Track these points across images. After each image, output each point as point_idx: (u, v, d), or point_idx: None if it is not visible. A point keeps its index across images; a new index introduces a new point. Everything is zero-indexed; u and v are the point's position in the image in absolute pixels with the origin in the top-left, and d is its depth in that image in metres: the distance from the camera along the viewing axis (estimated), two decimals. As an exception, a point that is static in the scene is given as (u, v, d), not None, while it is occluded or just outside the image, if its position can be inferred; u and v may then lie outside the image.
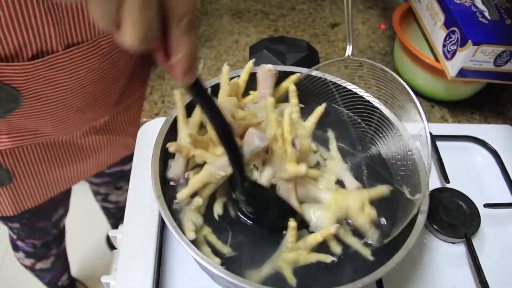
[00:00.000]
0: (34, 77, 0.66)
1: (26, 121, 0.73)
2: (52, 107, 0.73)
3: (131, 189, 0.68)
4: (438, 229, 0.65)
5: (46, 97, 0.70)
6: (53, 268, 1.27)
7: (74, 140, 0.87)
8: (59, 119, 0.76)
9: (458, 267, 0.64)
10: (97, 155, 0.95)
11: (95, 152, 0.94)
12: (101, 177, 1.20)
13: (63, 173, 0.91)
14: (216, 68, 0.88)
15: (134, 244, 0.62)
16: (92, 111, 0.81)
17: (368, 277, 0.47)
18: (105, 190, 1.31)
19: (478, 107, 0.86)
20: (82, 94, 0.75)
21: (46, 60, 0.65)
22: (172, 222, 0.49)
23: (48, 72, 0.66)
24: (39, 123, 0.75)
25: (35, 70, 0.65)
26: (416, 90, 0.86)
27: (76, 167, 0.93)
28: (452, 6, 0.75)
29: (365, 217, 0.53)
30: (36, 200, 0.89)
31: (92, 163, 0.96)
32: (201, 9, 1.01)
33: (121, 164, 1.14)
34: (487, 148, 0.77)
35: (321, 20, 1.02)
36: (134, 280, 0.59)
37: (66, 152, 0.88)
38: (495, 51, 0.71)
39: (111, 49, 0.73)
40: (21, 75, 0.64)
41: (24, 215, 0.96)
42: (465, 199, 0.68)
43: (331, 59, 0.92)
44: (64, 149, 0.87)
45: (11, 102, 0.67)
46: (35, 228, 1.05)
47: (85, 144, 0.90)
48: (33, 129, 0.76)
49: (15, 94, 0.66)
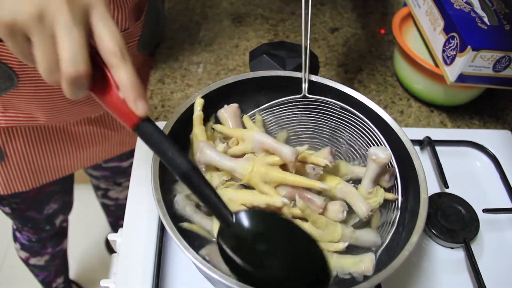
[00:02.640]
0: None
1: (20, 103, 0.75)
2: (46, 94, 0.74)
3: (131, 193, 0.68)
4: (437, 234, 0.65)
5: (41, 83, 0.72)
6: (47, 268, 1.28)
7: (68, 128, 0.89)
8: (52, 107, 0.78)
9: (457, 272, 0.64)
10: (91, 147, 0.96)
11: (90, 144, 0.95)
12: (99, 170, 1.22)
13: (56, 161, 0.92)
14: (215, 73, 0.89)
15: (134, 248, 0.62)
16: (87, 105, 0.83)
17: (367, 283, 0.47)
18: (105, 185, 1.33)
19: (477, 112, 0.86)
20: None
21: None
22: (172, 227, 0.49)
23: None
24: (33, 107, 0.77)
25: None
26: (416, 95, 0.86)
27: (69, 156, 0.94)
28: (452, 11, 0.76)
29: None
30: (27, 183, 0.90)
31: (86, 155, 0.97)
32: (201, 14, 1.02)
33: (118, 160, 1.15)
34: (486, 153, 0.77)
35: (321, 25, 1.02)
36: (134, 284, 0.59)
37: (59, 139, 0.89)
38: (494, 57, 0.71)
39: None
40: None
41: (13, 199, 0.97)
42: (464, 204, 0.68)
43: (331, 64, 0.93)
44: (57, 136, 0.88)
45: (6, 81, 0.69)
46: (25, 218, 1.06)
47: (80, 133, 0.91)
48: (27, 112, 0.78)
49: (10, 73, 0.68)
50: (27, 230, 1.12)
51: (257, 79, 0.64)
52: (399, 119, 0.83)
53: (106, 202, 1.42)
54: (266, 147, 0.57)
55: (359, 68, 0.92)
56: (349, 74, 0.91)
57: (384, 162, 0.57)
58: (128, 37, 0.77)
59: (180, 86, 0.86)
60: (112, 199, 1.38)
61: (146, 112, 0.40)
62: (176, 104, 0.83)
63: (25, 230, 1.13)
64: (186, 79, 0.87)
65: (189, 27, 0.98)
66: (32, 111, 0.78)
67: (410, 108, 0.86)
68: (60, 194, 1.08)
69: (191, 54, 0.92)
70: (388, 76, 0.91)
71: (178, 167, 0.42)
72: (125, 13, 0.72)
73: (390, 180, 0.60)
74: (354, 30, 1.01)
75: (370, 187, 0.58)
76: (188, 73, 0.88)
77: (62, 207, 1.12)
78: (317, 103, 0.64)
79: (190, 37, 0.96)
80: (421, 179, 0.56)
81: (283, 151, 0.55)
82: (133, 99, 0.40)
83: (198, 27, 0.98)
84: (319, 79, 0.64)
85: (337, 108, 0.64)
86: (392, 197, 0.59)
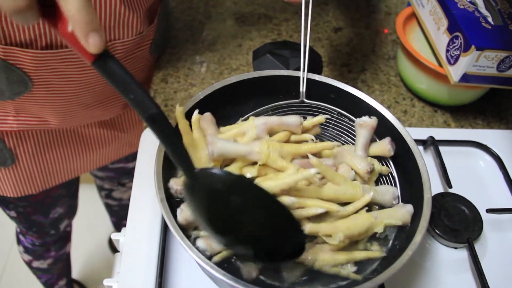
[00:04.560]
0: (44, 66, 0.68)
1: (33, 107, 0.75)
2: (60, 98, 0.75)
3: (134, 192, 0.68)
4: (440, 234, 0.65)
5: (55, 88, 0.72)
6: (50, 271, 1.28)
7: (79, 130, 0.89)
8: (65, 111, 0.78)
9: (460, 272, 0.64)
10: (101, 149, 0.96)
11: (99, 146, 0.95)
12: (105, 171, 1.22)
13: (66, 163, 0.92)
14: (219, 72, 0.89)
15: (137, 248, 0.62)
16: (100, 109, 0.83)
17: (370, 282, 0.47)
18: (109, 186, 1.33)
19: (481, 112, 0.86)
20: (92, 91, 0.77)
21: (57, 53, 0.67)
22: (175, 226, 0.49)
23: (59, 64, 0.69)
24: (46, 111, 0.77)
25: (46, 60, 0.67)
26: (419, 94, 0.86)
27: (79, 158, 0.94)
28: (456, 11, 0.75)
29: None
30: (37, 186, 0.91)
31: (96, 157, 0.97)
32: (205, 13, 1.02)
33: (124, 161, 1.15)
34: (489, 153, 0.77)
35: (324, 24, 1.02)
36: (137, 283, 0.59)
37: (70, 142, 0.89)
38: (498, 57, 0.71)
39: (126, 54, 0.75)
40: (32, 62, 0.67)
41: (21, 203, 0.97)
42: (467, 204, 0.68)
43: (334, 64, 0.93)
44: (68, 139, 0.89)
45: (21, 85, 0.70)
46: (31, 222, 1.06)
47: (90, 135, 0.91)
48: (39, 116, 0.78)
49: (25, 78, 0.69)
50: (31, 234, 1.12)
51: (260, 78, 0.64)
52: (403, 118, 0.83)
53: (110, 203, 1.42)
54: (270, 124, 0.58)
55: (363, 67, 0.92)
56: (353, 74, 0.91)
57: (372, 125, 0.60)
58: (142, 41, 0.76)
59: (183, 86, 0.86)
60: (116, 200, 1.38)
61: (100, 48, 0.37)
62: (179, 103, 0.83)
63: (29, 234, 1.13)
64: (189, 78, 0.87)
65: (192, 27, 0.98)
66: (45, 115, 0.78)
67: (413, 108, 0.85)
68: (66, 198, 1.08)
69: (195, 54, 0.92)
70: (392, 75, 0.91)
71: (145, 108, 0.39)
72: (140, 16, 0.72)
73: (391, 146, 0.60)
74: (357, 30, 1.01)
75: (363, 156, 0.60)
76: (191, 72, 0.89)
77: (67, 211, 1.12)
78: (315, 108, 0.65)
79: (193, 37, 0.96)
80: (424, 179, 0.56)
81: (288, 120, 0.58)
82: (83, 34, 0.36)
83: (202, 26, 0.98)
84: (322, 79, 0.64)
85: (335, 114, 0.64)
86: (386, 170, 0.61)
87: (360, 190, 0.55)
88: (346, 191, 0.55)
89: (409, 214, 0.55)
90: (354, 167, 0.58)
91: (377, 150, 0.61)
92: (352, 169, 0.58)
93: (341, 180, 0.55)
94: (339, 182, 0.55)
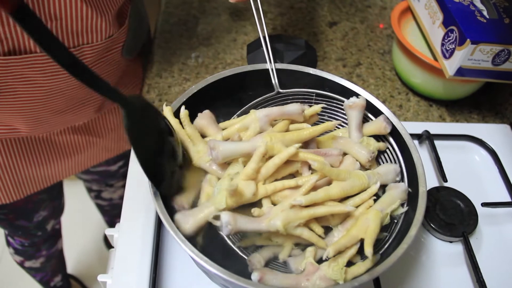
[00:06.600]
0: (8, 72, 0.66)
1: (0, 115, 0.73)
2: (29, 105, 0.72)
3: (128, 187, 0.68)
4: (435, 228, 0.65)
5: (22, 95, 0.70)
6: (43, 269, 1.26)
7: (52, 138, 0.86)
8: (35, 118, 0.75)
9: (455, 266, 0.64)
10: (76, 155, 0.93)
11: (75, 152, 0.92)
12: (89, 174, 1.19)
13: (41, 171, 0.89)
14: (213, 67, 0.88)
15: (131, 243, 0.62)
16: (71, 114, 0.80)
17: (365, 276, 0.47)
18: (97, 187, 1.31)
19: (476, 106, 0.86)
20: (62, 97, 0.74)
21: (21, 58, 0.65)
22: (169, 220, 0.48)
23: (24, 70, 0.66)
24: (14, 119, 0.74)
25: (10, 66, 0.65)
26: (415, 89, 0.86)
27: (55, 165, 0.91)
28: (451, 5, 0.75)
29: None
30: (11, 196, 0.87)
31: (72, 163, 0.94)
32: (199, 8, 1.01)
33: (105, 165, 1.13)
34: (485, 147, 0.77)
35: (319, 19, 1.01)
36: (131, 278, 0.59)
37: (44, 150, 0.86)
38: (493, 50, 0.71)
39: (96, 58, 0.72)
40: None
41: (1, 210, 0.95)
42: (462, 198, 0.68)
43: (329, 58, 0.92)
44: (41, 146, 0.85)
45: None
46: (15, 226, 1.04)
47: (64, 142, 0.88)
48: (8, 124, 0.76)
49: None
50: (19, 235, 1.10)
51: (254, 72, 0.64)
52: (398, 113, 0.83)
53: (100, 203, 1.40)
54: (272, 115, 0.58)
55: (358, 62, 0.92)
56: (348, 68, 0.91)
57: (362, 104, 0.60)
58: (113, 44, 0.74)
59: (177, 80, 0.86)
60: (106, 200, 1.36)
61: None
62: (174, 98, 0.82)
63: (17, 236, 1.10)
64: (183, 73, 0.87)
65: (186, 21, 0.97)
66: (14, 123, 0.75)
67: (409, 102, 0.85)
68: (49, 201, 1.05)
69: (189, 48, 0.92)
70: (387, 70, 0.91)
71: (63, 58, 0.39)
72: (109, 20, 0.70)
73: (387, 123, 0.60)
74: (352, 24, 1.01)
75: (359, 137, 0.60)
76: (185, 67, 0.88)
77: (52, 212, 1.09)
78: (293, 96, 0.64)
79: (187, 31, 0.95)
80: (419, 172, 0.56)
81: (290, 109, 0.58)
82: None
83: (196, 21, 0.98)
84: (317, 72, 0.64)
85: (313, 96, 0.64)
86: (383, 146, 0.61)
87: (366, 180, 0.55)
88: (353, 185, 0.55)
89: (404, 192, 0.56)
90: (355, 156, 0.58)
91: (373, 129, 0.61)
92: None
93: (346, 175, 0.54)
94: (345, 177, 0.54)
